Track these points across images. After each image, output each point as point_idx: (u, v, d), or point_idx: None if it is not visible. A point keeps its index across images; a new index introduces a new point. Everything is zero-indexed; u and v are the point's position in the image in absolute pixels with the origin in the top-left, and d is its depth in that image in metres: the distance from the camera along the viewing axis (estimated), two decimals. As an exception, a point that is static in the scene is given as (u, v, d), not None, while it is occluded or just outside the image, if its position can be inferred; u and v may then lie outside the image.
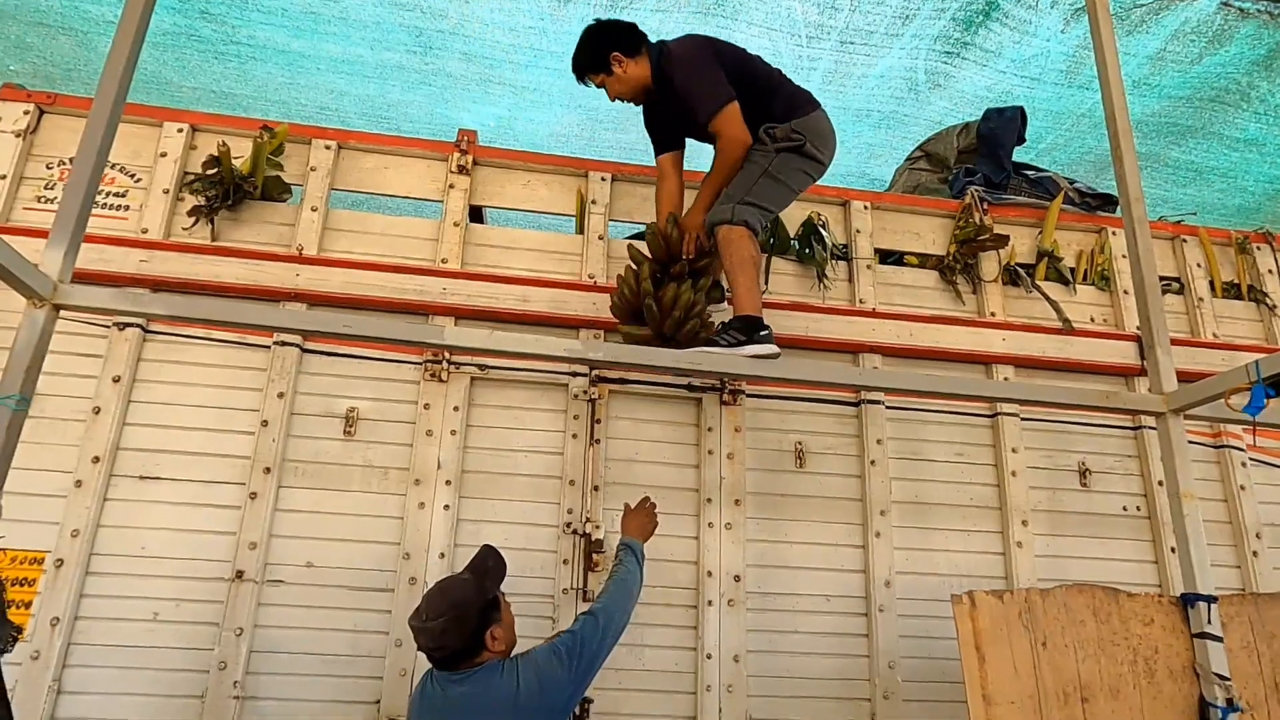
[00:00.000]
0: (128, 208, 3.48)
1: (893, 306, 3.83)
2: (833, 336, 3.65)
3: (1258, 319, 4.14)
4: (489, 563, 2.40)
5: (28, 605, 2.93)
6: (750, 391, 3.58)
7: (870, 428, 3.58)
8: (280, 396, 3.27)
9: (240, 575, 3.05)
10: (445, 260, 3.54)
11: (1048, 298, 3.95)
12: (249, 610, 3.02)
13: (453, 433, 3.32)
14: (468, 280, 3.49)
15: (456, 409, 3.35)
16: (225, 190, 3.45)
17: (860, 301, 3.79)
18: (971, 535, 3.54)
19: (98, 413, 3.15)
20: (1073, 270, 4.08)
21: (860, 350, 3.67)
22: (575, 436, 3.39)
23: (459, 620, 2.23)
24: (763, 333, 2.89)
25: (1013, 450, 3.63)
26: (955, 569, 3.48)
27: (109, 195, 3.46)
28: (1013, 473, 3.60)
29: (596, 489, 3.33)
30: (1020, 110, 4.50)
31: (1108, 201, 4.30)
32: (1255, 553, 3.62)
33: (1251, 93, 5.04)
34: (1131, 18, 4.56)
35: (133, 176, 3.52)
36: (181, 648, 2.98)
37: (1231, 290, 4.19)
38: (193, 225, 3.46)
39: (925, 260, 4.01)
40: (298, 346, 3.34)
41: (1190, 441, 2.97)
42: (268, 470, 3.17)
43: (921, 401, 3.66)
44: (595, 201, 3.75)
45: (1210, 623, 2.57)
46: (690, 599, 3.29)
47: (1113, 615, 2.65)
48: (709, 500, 3.39)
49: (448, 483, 3.26)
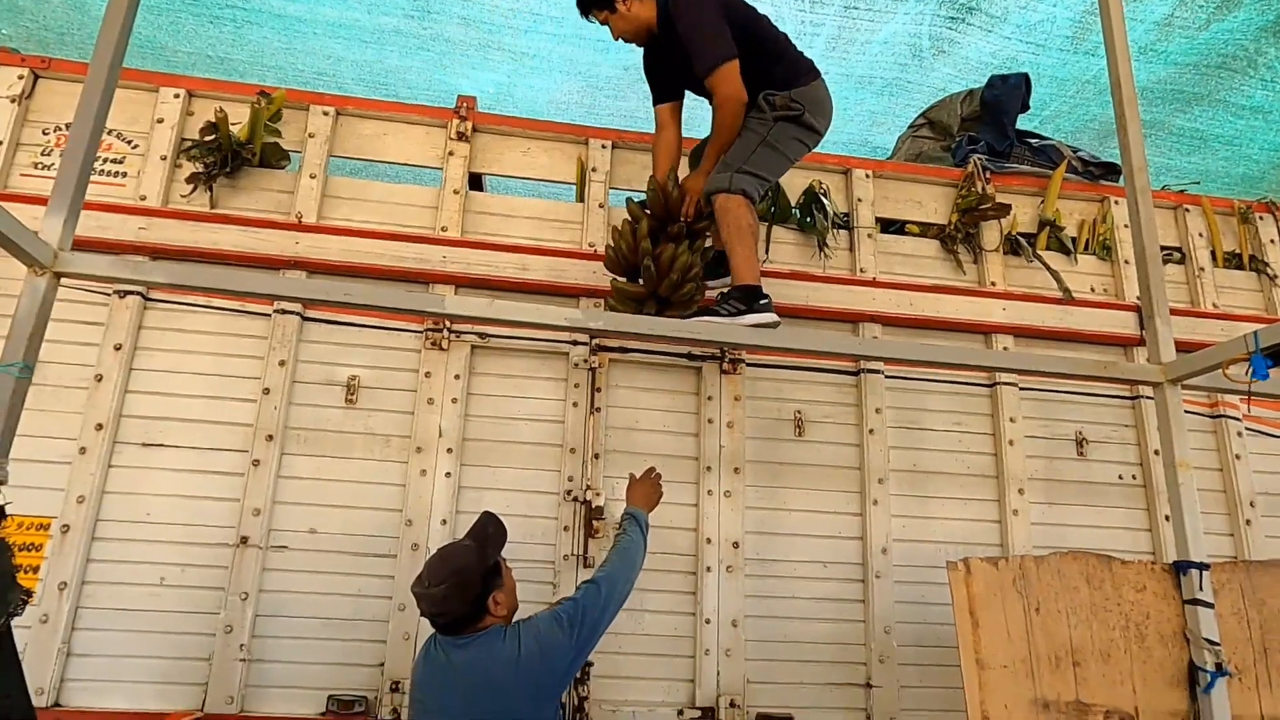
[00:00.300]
0: (125, 175, 3.46)
1: (893, 276, 3.82)
2: (833, 306, 3.65)
3: (1258, 289, 4.14)
4: (490, 529, 2.43)
5: (36, 570, 2.97)
6: (750, 361, 3.59)
7: (869, 397, 3.60)
8: (281, 364, 3.28)
9: (244, 541, 3.08)
10: (445, 228, 3.53)
11: (1048, 267, 3.94)
12: (253, 575, 3.06)
13: (454, 401, 3.33)
14: (467, 248, 3.49)
15: (457, 377, 3.36)
16: (223, 157, 3.43)
17: (861, 271, 3.78)
18: (968, 503, 3.58)
19: (100, 380, 3.17)
20: (1074, 240, 4.07)
21: (860, 320, 3.68)
22: (576, 405, 3.41)
23: (461, 586, 2.26)
24: (762, 301, 2.90)
25: (1010, 419, 3.65)
26: (951, 536, 3.51)
27: (106, 162, 3.44)
28: (1010, 442, 3.63)
29: (597, 457, 3.35)
30: (1025, 77, 4.46)
31: (1111, 170, 4.27)
32: (1249, 521, 3.66)
33: (1259, 59, 4.98)
34: (1139, -18, 4.49)
35: (130, 143, 3.49)
36: (187, 611, 3.03)
37: (1233, 260, 4.18)
38: (191, 192, 3.45)
39: (926, 229, 3.99)
40: (298, 314, 3.34)
41: (1187, 411, 2.99)
42: (270, 437, 3.19)
43: (920, 371, 3.67)
44: (595, 169, 3.73)
45: (1202, 589, 2.60)
46: (689, 565, 3.33)
47: (1105, 581, 2.68)
48: (708, 468, 3.41)
49: (449, 450, 3.28)
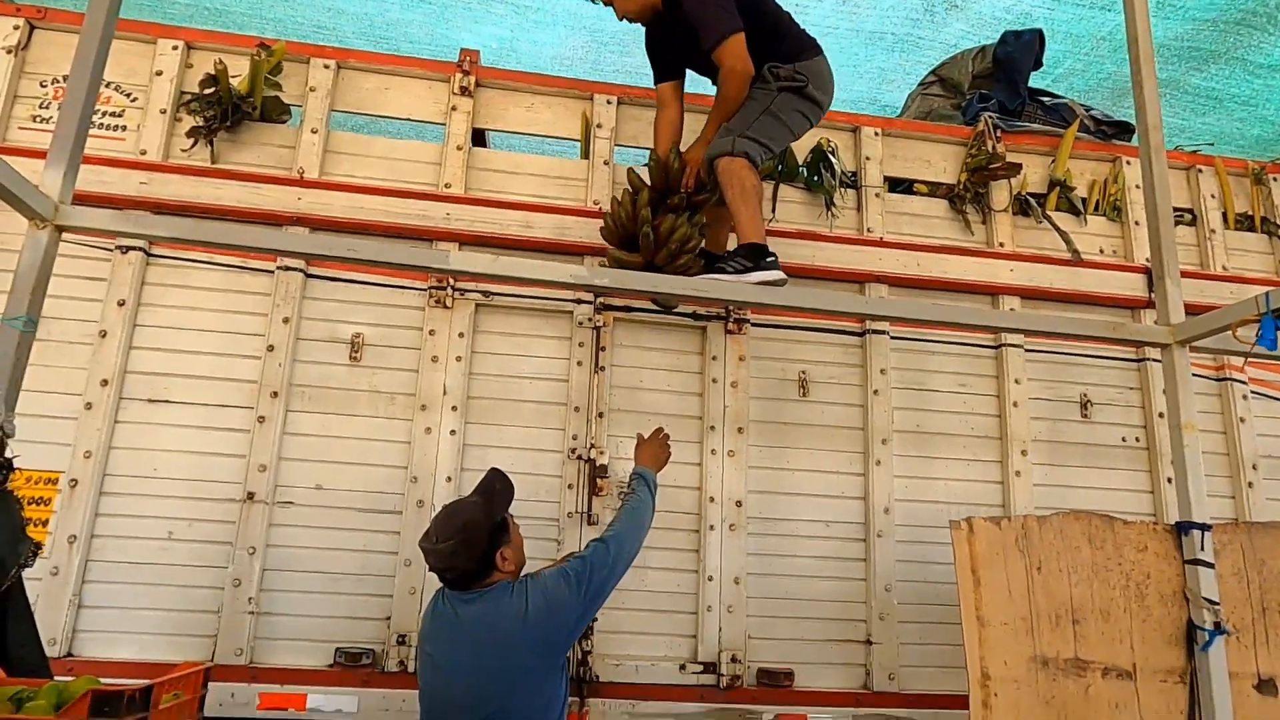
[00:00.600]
0: (125, 128, 3.41)
1: (900, 236, 3.79)
2: (839, 266, 3.63)
3: (1269, 251, 4.09)
4: (497, 485, 2.43)
5: (45, 524, 3.00)
6: (755, 320, 3.57)
7: (874, 358, 3.58)
8: (285, 322, 3.27)
9: (251, 497, 3.10)
10: (448, 185, 3.49)
11: (1058, 228, 3.90)
12: (261, 530, 3.09)
13: (458, 359, 3.33)
14: (471, 205, 3.45)
15: (461, 335, 3.35)
16: (223, 110, 3.38)
17: (868, 230, 3.74)
18: (971, 464, 3.59)
19: (104, 336, 3.16)
20: (1084, 200, 4.01)
21: (866, 280, 3.65)
22: (580, 364, 3.40)
23: (468, 542, 2.27)
24: (768, 259, 2.87)
25: (1015, 381, 3.64)
26: (953, 497, 3.52)
27: (105, 115, 3.39)
28: (1014, 403, 3.62)
29: (601, 415, 3.36)
30: (1038, 33, 4.37)
31: (1124, 130, 4.21)
32: (1250, 484, 3.67)
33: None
34: (1159, -66, 4.38)
35: (129, 96, 3.44)
36: (196, 565, 3.07)
37: (1244, 222, 4.14)
38: (192, 147, 3.40)
39: (935, 189, 3.94)
40: (301, 271, 3.32)
41: (1193, 374, 2.97)
42: (275, 395, 3.20)
43: (926, 332, 3.65)
44: (600, 125, 3.68)
45: (1203, 550, 2.62)
46: (692, 523, 3.35)
47: (1107, 542, 2.70)
48: (712, 428, 3.42)
49: (453, 408, 3.28)
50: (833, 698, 3.25)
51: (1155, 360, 3.68)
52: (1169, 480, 3.58)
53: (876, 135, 3.89)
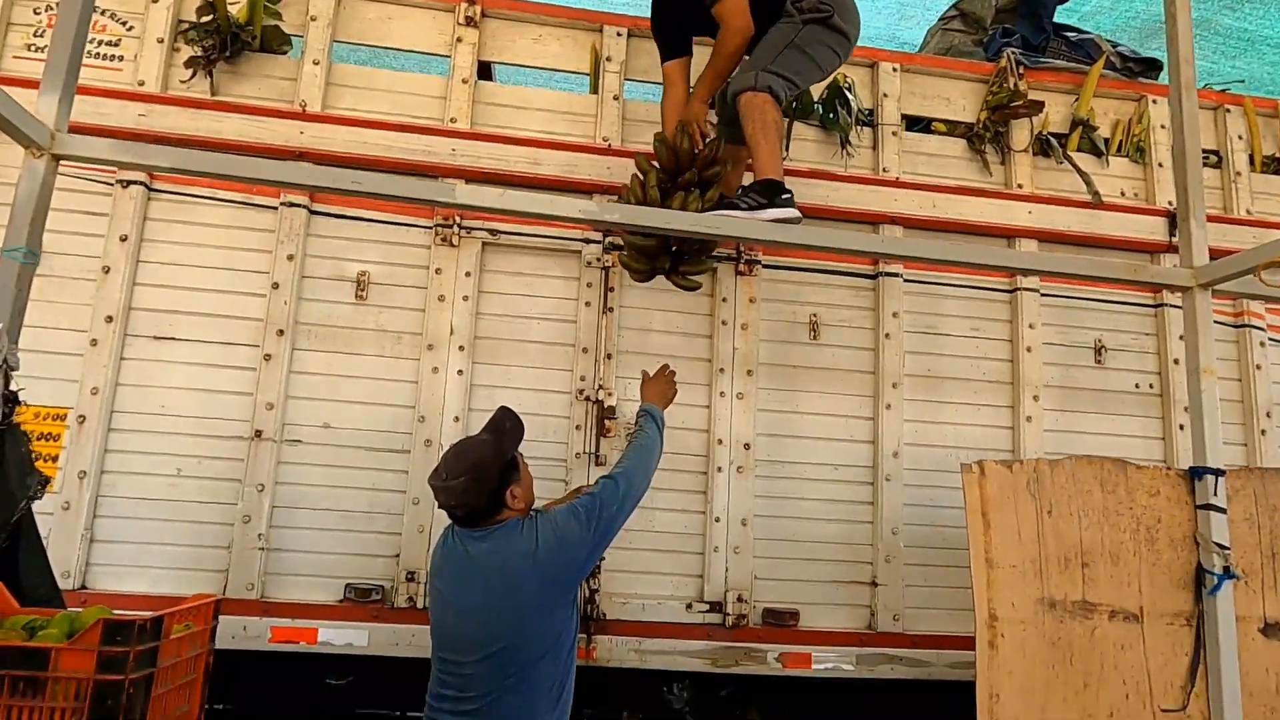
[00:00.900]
0: (122, 58, 3.32)
1: (917, 176, 3.70)
2: (853, 206, 3.55)
3: (1294, 195, 3.99)
4: (506, 424, 2.41)
5: (55, 459, 3.00)
6: (766, 262, 3.51)
7: (886, 301, 3.53)
8: (290, 259, 3.22)
9: (259, 434, 3.10)
10: (454, 120, 3.41)
11: (1079, 169, 3.80)
12: (269, 468, 3.09)
13: (465, 298, 3.29)
14: (477, 141, 3.38)
15: (468, 274, 3.31)
16: (222, 40, 3.29)
17: (883, 170, 3.65)
18: (981, 409, 3.56)
19: (107, 272, 3.13)
20: (1107, 141, 3.91)
21: (880, 221, 3.57)
22: (589, 304, 3.36)
23: (479, 480, 2.25)
24: (784, 196, 2.79)
25: (1029, 326, 3.59)
26: (962, 441, 3.51)
27: (101, 44, 3.30)
28: (1028, 348, 3.58)
29: (610, 357, 3.33)
30: (1065, -35, 4.21)
31: (1151, 67, 4.08)
32: (1264, 431, 3.64)
33: (1318, -51, 4.68)
34: None
35: (124, 24, 3.34)
36: (206, 502, 3.08)
37: (1271, 164, 4.02)
38: (190, 78, 3.32)
39: (954, 128, 3.84)
40: (305, 208, 3.26)
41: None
42: (281, 333, 3.17)
43: (939, 275, 3.59)
44: (610, 59, 3.57)
45: (1216, 495, 2.60)
46: (700, 465, 3.35)
47: (1119, 486, 2.69)
48: (721, 370, 3.39)
49: (461, 348, 3.26)
50: (837, 637, 3.28)
51: (1172, 306, 3.63)
52: (1181, 428, 3.55)
53: (895, 71, 3.77)
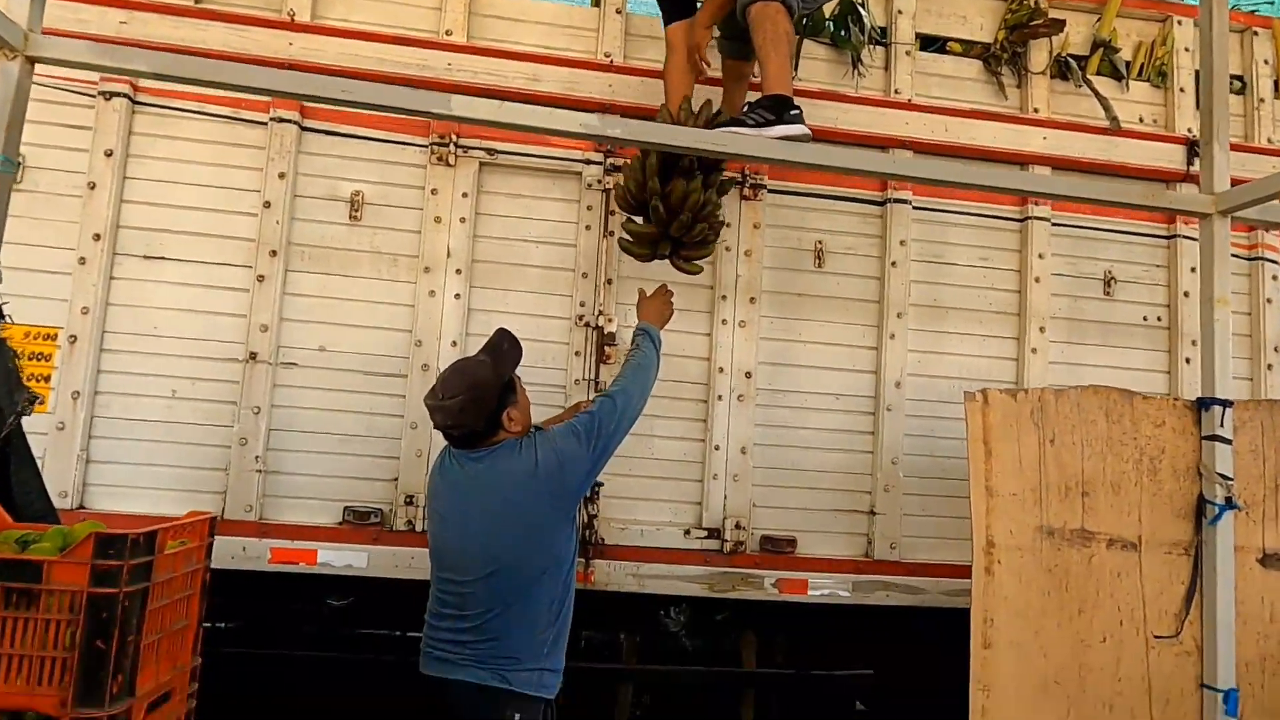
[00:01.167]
0: (100, -40, 3.16)
1: (930, 99, 3.56)
2: (863, 129, 3.43)
3: (1319, 124, 3.87)
4: (504, 345, 2.37)
5: (47, 379, 2.96)
6: (772, 186, 3.41)
7: (894, 228, 3.44)
8: (281, 177, 3.13)
9: (254, 357, 3.06)
10: (449, 32, 3.27)
11: (1097, 93, 3.67)
12: (265, 390, 3.06)
13: (462, 220, 3.21)
14: (473, 55, 3.24)
15: (465, 195, 3.22)
16: (205, -58, 3.12)
17: (896, 92, 3.52)
18: (987, 340, 3.51)
19: (93, 188, 3.03)
20: (1128, 64, 3.76)
21: (891, 145, 3.46)
22: (589, 228, 3.28)
23: (476, 400, 2.22)
24: (793, 112, 2.68)
25: (1039, 256, 3.51)
26: (966, 372, 3.47)
27: (78, -54, 3.13)
28: (1036, 279, 3.51)
29: (610, 282, 3.26)
30: (1094, -126, 3.97)
31: (1178, -15, 3.89)
32: (1270, 366, 3.60)
33: None
34: None
35: (101, -76, 3.17)
36: (201, 424, 3.06)
37: (1296, 92, 3.89)
38: (173, -16, 3.17)
39: (970, 48, 3.69)
40: (296, 124, 3.15)
41: (1228, 250, 2.84)
42: (273, 253, 3.10)
43: (949, 202, 3.50)
44: (613, -32, 3.41)
45: (1223, 426, 2.58)
46: (701, 393, 3.31)
47: (1124, 416, 2.66)
48: (724, 297, 3.33)
49: (458, 271, 3.19)
50: (834, 564, 3.30)
51: (1185, 237, 3.55)
52: (1187, 361, 3.51)
53: (911, -14, 3.61)
